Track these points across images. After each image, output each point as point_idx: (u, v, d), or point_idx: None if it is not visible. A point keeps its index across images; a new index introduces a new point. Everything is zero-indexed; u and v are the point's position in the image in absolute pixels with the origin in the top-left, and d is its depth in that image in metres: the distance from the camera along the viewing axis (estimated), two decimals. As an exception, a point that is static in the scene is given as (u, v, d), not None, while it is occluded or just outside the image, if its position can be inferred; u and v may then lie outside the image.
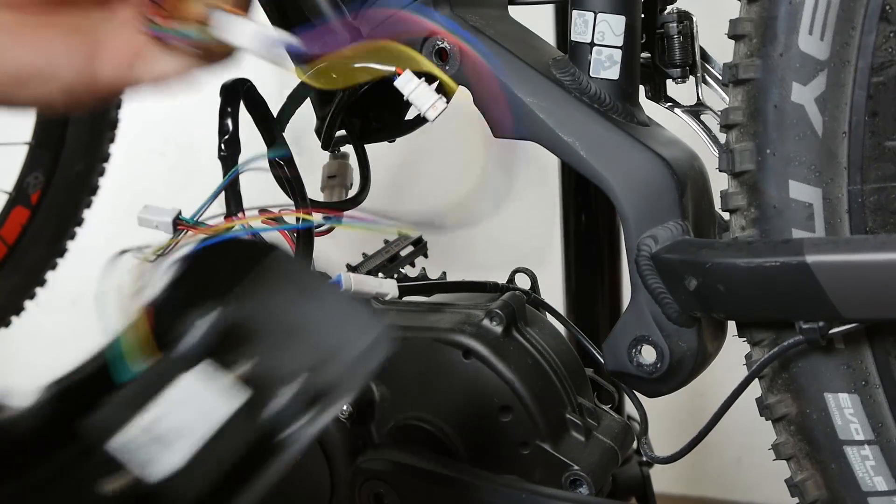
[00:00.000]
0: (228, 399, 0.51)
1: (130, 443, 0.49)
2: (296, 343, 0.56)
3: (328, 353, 0.56)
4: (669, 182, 0.69)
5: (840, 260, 0.61)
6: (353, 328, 0.56)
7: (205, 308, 0.54)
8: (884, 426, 0.68)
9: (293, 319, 0.57)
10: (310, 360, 0.55)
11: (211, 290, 0.56)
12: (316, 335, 0.56)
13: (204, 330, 0.54)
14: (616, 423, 0.76)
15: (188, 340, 0.54)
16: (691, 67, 0.76)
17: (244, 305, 0.57)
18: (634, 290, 0.70)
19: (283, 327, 0.57)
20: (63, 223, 1.30)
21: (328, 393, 0.53)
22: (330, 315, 0.57)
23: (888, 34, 0.66)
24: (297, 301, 0.57)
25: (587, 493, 0.71)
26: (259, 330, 0.56)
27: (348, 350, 0.55)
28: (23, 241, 1.26)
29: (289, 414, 0.53)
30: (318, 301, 0.57)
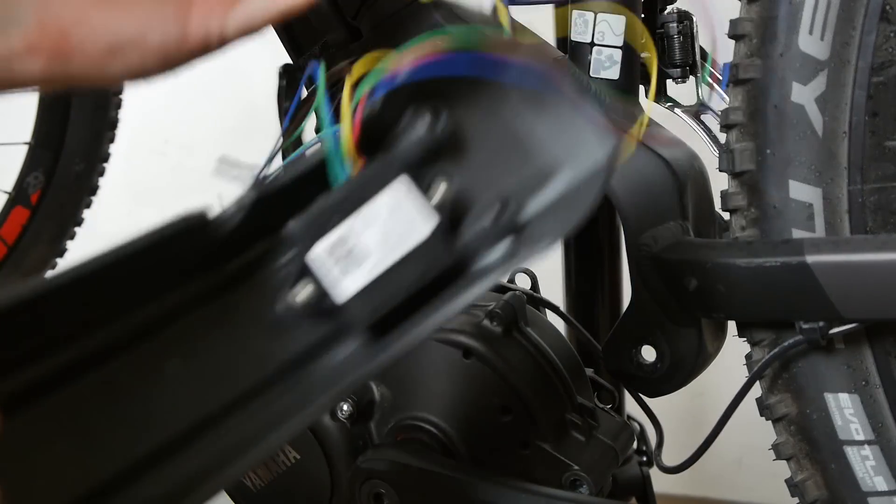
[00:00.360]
0: (425, 220, 0.48)
1: (324, 254, 0.47)
2: (513, 158, 0.51)
3: (546, 174, 0.51)
4: (669, 182, 0.69)
5: (840, 260, 0.61)
6: (579, 146, 0.50)
7: (421, 112, 0.50)
8: (884, 426, 0.68)
9: (515, 129, 0.52)
10: (524, 181, 0.51)
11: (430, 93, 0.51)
12: (537, 151, 0.51)
13: (418, 136, 0.50)
14: (616, 423, 0.76)
15: (402, 146, 0.50)
16: (691, 67, 0.76)
17: (464, 111, 0.52)
18: (634, 290, 0.70)
19: (503, 138, 0.52)
20: (63, 223, 1.30)
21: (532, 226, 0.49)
22: (558, 127, 0.51)
23: (888, 34, 0.66)
24: (524, 107, 0.52)
25: (587, 493, 0.71)
26: (476, 139, 0.52)
27: (568, 174, 0.50)
28: (23, 241, 1.26)
29: (485, 243, 0.49)
30: (548, 109, 0.51)
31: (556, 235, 0.49)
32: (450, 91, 0.51)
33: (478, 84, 0.51)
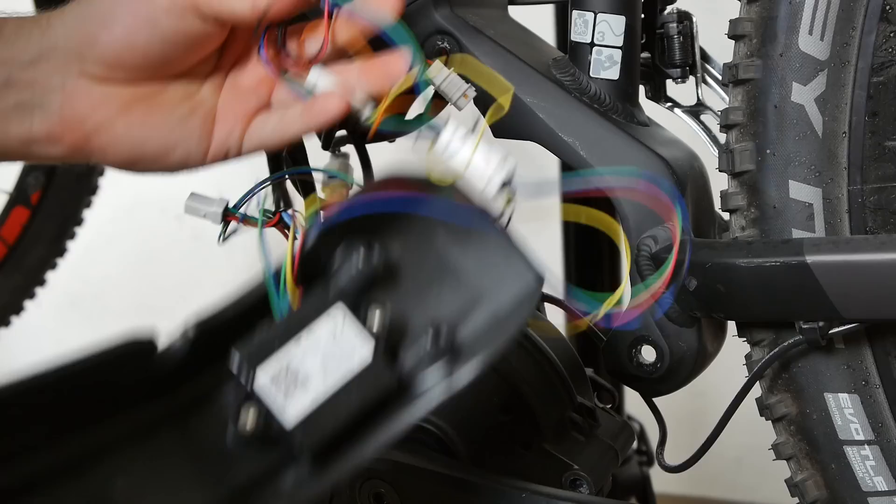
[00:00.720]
0: (363, 345, 0.51)
1: (268, 382, 0.49)
2: (443, 287, 0.54)
3: (473, 303, 0.53)
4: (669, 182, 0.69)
5: (840, 260, 0.61)
6: (504, 276, 0.53)
7: (355, 246, 0.53)
8: (884, 426, 0.68)
9: (445, 260, 0.55)
10: (453, 310, 0.53)
11: (366, 223, 0.54)
12: (464, 282, 0.54)
13: (353, 268, 0.52)
14: (616, 423, 0.76)
15: (338, 277, 0.52)
16: (691, 67, 0.75)
17: (395, 244, 0.55)
18: (634, 289, 0.70)
19: (433, 268, 0.55)
20: (63, 223, 1.30)
21: (465, 348, 0.52)
22: (481, 261, 0.54)
23: (888, 34, 0.66)
24: (452, 240, 0.55)
25: (587, 492, 0.71)
26: (405, 273, 0.54)
27: (498, 299, 0.53)
28: (23, 241, 1.26)
29: (422, 366, 0.51)
30: (471, 246, 0.54)
31: (490, 354, 0.51)
32: (382, 225, 0.55)
33: (408, 218, 0.55)
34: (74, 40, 0.60)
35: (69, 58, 0.61)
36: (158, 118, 0.62)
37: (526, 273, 0.53)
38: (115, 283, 1.86)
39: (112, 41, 0.60)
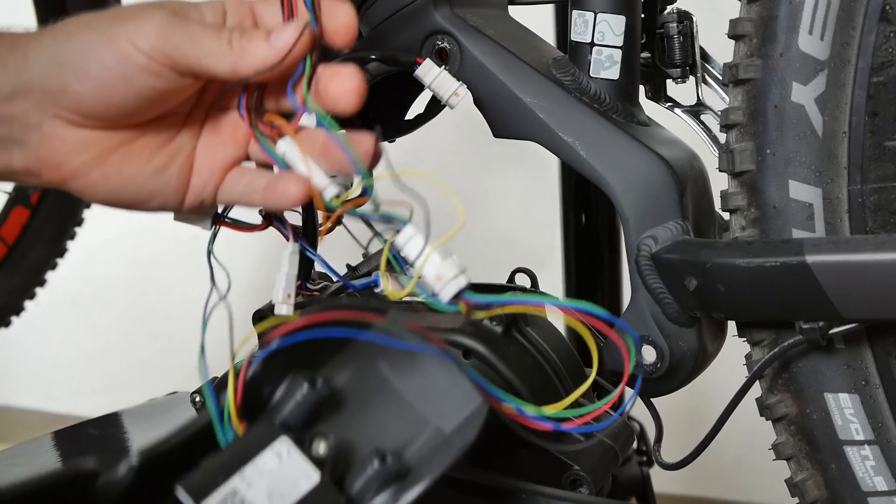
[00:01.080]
0: (308, 475, 0.52)
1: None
2: (389, 413, 0.57)
3: (419, 427, 0.56)
4: (669, 182, 0.69)
5: (840, 260, 0.61)
6: (449, 401, 0.56)
7: (298, 381, 0.54)
8: (884, 426, 0.68)
9: (390, 387, 0.57)
10: (399, 435, 0.56)
11: (308, 356, 0.56)
12: (409, 407, 0.57)
13: (297, 399, 0.54)
14: (616, 423, 0.76)
15: (282, 409, 0.54)
16: (691, 67, 0.75)
17: (339, 374, 0.57)
18: (634, 290, 0.70)
19: (378, 395, 0.57)
20: (63, 223, 1.30)
21: (412, 472, 0.54)
22: (429, 385, 0.57)
23: (888, 34, 0.66)
24: (397, 367, 0.57)
25: (587, 492, 0.71)
26: (350, 401, 0.56)
27: (441, 425, 0.56)
28: (23, 241, 1.26)
29: (369, 493, 0.53)
30: (416, 370, 0.57)
31: (435, 475, 0.53)
32: (326, 353, 0.57)
33: (353, 345, 0.57)
34: (49, 84, 0.59)
35: (45, 99, 0.60)
36: (135, 169, 0.62)
37: (470, 398, 0.56)
38: (115, 283, 1.86)
39: (85, 94, 0.59)
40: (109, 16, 0.60)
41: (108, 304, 1.88)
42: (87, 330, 1.90)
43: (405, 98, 0.84)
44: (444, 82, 0.68)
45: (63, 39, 0.59)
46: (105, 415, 0.92)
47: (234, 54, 0.59)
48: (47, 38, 0.60)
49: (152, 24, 0.58)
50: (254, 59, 0.59)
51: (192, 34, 0.59)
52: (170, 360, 1.78)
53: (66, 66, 0.59)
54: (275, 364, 0.55)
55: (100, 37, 0.58)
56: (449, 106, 0.70)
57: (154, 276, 1.83)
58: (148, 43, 0.58)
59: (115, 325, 1.87)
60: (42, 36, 0.60)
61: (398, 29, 0.73)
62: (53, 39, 0.60)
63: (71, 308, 1.88)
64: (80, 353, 1.90)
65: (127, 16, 0.59)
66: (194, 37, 0.58)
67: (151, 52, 0.58)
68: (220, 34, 0.59)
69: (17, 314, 1.33)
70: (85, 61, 0.59)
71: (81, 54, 0.59)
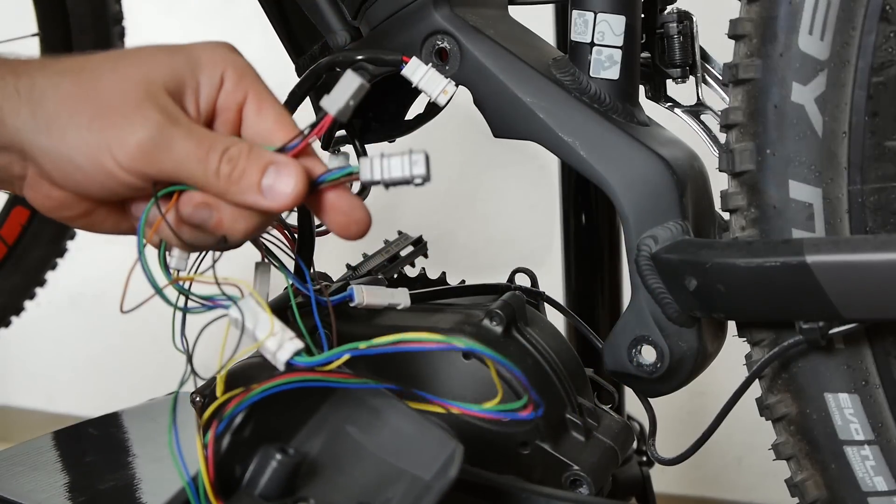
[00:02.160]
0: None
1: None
2: (364, 473, 0.57)
3: (398, 479, 0.56)
4: (669, 182, 0.69)
5: (840, 260, 0.61)
6: (423, 449, 0.56)
7: (268, 450, 0.55)
8: (884, 426, 0.68)
9: (360, 450, 0.58)
10: (380, 490, 0.56)
11: (276, 429, 0.56)
12: (385, 462, 0.57)
13: (271, 472, 0.54)
14: (616, 423, 0.76)
15: (258, 483, 0.54)
16: (691, 67, 0.75)
17: (307, 445, 0.57)
18: (634, 290, 0.70)
19: (350, 459, 0.57)
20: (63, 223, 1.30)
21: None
22: (400, 438, 0.57)
23: (888, 34, 0.66)
24: (362, 432, 0.58)
25: (587, 493, 0.71)
26: (325, 466, 0.57)
27: (419, 473, 0.56)
28: (23, 241, 1.26)
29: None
30: (385, 428, 0.57)
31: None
32: (292, 429, 0.57)
33: (317, 418, 0.58)
34: (28, 153, 0.57)
35: (26, 160, 0.58)
36: (121, 216, 0.61)
37: (443, 443, 0.56)
38: (115, 283, 1.85)
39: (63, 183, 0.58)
40: (94, 107, 0.56)
41: (109, 305, 1.88)
42: (88, 330, 1.90)
43: (405, 98, 0.84)
44: (433, 80, 0.68)
45: (43, 125, 0.57)
46: (105, 415, 0.92)
47: (220, 187, 0.56)
48: (25, 110, 0.57)
49: (135, 141, 0.55)
50: (242, 199, 0.57)
51: (177, 157, 0.56)
52: (170, 360, 1.79)
53: (47, 156, 0.57)
54: (242, 442, 0.55)
55: (81, 144, 0.56)
56: (437, 104, 0.70)
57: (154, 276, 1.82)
58: (129, 162, 0.55)
59: (115, 325, 1.87)
60: (20, 101, 0.57)
61: (398, 29, 0.73)
62: (32, 116, 0.57)
63: (71, 308, 1.88)
64: (80, 353, 1.90)
65: (111, 118, 0.56)
66: (179, 160, 0.56)
67: (132, 170, 0.56)
68: (207, 160, 0.56)
69: (17, 314, 1.33)
70: (65, 163, 0.57)
71: (62, 155, 0.56)
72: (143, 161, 0.56)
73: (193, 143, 0.56)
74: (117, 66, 0.58)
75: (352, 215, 0.59)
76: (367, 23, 0.75)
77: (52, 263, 1.32)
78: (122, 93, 0.56)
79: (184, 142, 0.56)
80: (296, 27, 0.85)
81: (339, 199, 0.59)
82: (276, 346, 0.55)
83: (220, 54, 0.59)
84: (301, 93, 0.76)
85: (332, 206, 0.59)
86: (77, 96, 0.57)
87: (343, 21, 0.77)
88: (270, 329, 0.56)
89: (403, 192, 0.59)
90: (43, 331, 1.81)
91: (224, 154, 0.56)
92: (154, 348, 1.84)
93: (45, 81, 0.57)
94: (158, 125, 0.56)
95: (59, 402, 1.92)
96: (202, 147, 0.56)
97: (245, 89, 0.59)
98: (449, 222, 1.65)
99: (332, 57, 0.74)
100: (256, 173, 0.56)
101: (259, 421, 0.55)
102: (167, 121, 0.56)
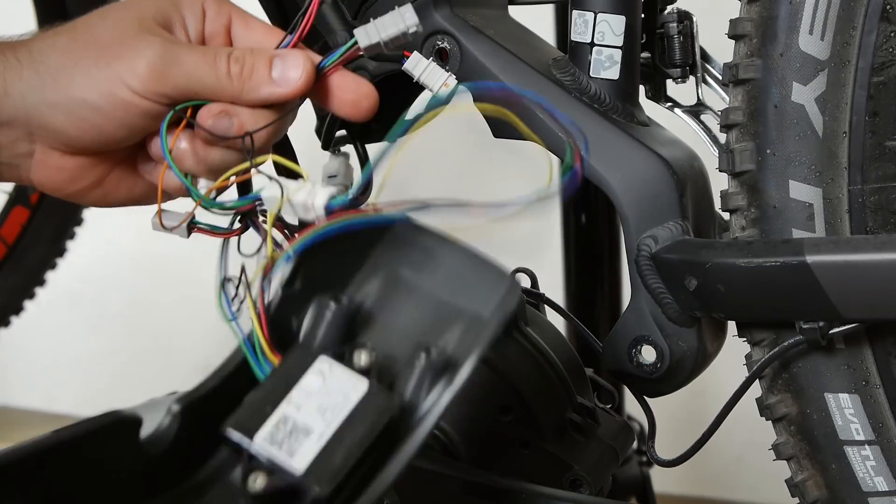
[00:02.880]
0: (356, 386, 0.51)
1: (267, 444, 0.49)
2: (421, 315, 0.55)
3: (455, 317, 0.54)
4: (669, 182, 0.69)
5: (840, 260, 0.61)
6: (480, 285, 0.55)
7: (324, 303, 0.53)
8: (884, 426, 0.68)
9: (415, 288, 0.56)
10: (437, 330, 0.55)
11: (328, 280, 0.55)
12: (441, 302, 0.55)
13: (326, 322, 0.53)
14: (616, 423, 0.76)
15: (314, 333, 0.53)
16: (691, 67, 0.75)
17: (360, 292, 0.56)
18: (634, 290, 0.70)
19: (406, 299, 0.56)
20: (63, 223, 1.30)
21: (458, 359, 0.52)
22: (455, 276, 0.55)
23: (889, 34, 0.66)
24: (420, 269, 0.56)
25: (587, 493, 0.71)
26: (381, 311, 0.56)
27: (476, 310, 0.54)
28: (23, 241, 1.26)
29: (423, 390, 0.52)
30: (439, 267, 0.56)
31: (481, 350, 0.52)
32: (344, 278, 0.56)
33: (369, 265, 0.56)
34: (37, 120, 0.58)
35: (34, 132, 0.59)
36: (132, 183, 0.62)
37: (499, 278, 0.54)
38: (115, 282, 1.86)
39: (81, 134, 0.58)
40: (96, 49, 0.57)
41: (109, 304, 1.88)
42: (88, 330, 1.89)
43: (405, 98, 0.84)
44: (434, 74, 0.68)
45: (49, 78, 0.57)
46: (105, 415, 0.92)
47: (234, 88, 0.58)
48: (28, 72, 0.57)
49: (144, 63, 0.56)
50: (257, 95, 0.58)
51: (187, 69, 0.57)
52: (170, 360, 1.79)
53: (58, 108, 0.57)
54: (295, 295, 0.54)
55: (91, 83, 0.57)
56: (439, 97, 0.70)
57: (154, 275, 1.83)
58: (143, 85, 0.57)
59: (116, 324, 1.87)
60: (21, 66, 0.57)
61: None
62: (36, 74, 0.57)
63: (71, 308, 1.88)
64: (80, 352, 1.90)
65: (115, 51, 0.57)
66: (190, 71, 0.57)
67: (147, 93, 0.57)
68: (216, 64, 0.58)
69: (17, 314, 1.33)
70: (79, 108, 0.57)
71: (74, 100, 0.57)
72: (157, 81, 0.57)
73: (199, 53, 0.58)
74: (107, 15, 0.59)
75: (359, 91, 0.62)
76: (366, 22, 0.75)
77: (52, 263, 1.32)
78: (119, 32, 0.58)
79: (190, 54, 0.58)
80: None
81: (344, 80, 0.62)
82: (309, 196, 0.56)
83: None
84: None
85: (338, 88, 0.61)
86: (76, 47, 0.58)
87: (343, 21, 0.77)
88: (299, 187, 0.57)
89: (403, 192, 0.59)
90: (43, 331, 1.81)
91: (230, 56, 0.59)
92: (154, 348, 1.84)
93: (42, 44, 0.58)
94: (162, 45, 0.57)
95: (59, 402, 1.92)
96: (208, 55, 0.58)
97: (227, 13, 0.61)
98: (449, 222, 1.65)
99: None
100: (264, 66, 0.59)
101: (310, 272, 0.55)
102: (169, 41, 0.58)
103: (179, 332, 1.79)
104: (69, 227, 1.31)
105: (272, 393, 0.50)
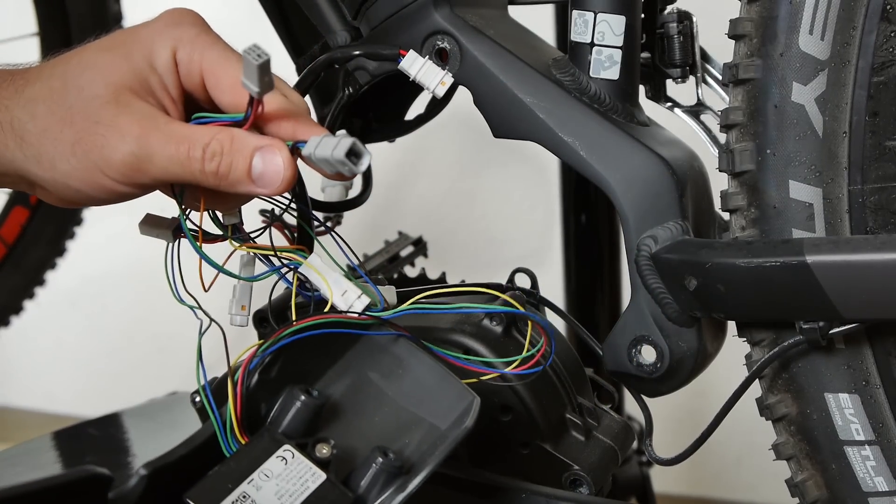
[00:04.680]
0: (315, 477, 0.54)
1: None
2: (383, 418, 0.59)
3: (416, 426, 0.58)
4: (669, 182, 0.69)
5: (840, 260, 0.61)
6: (441, 400, 0.59)
7: (293, 390, 0.57)
8: (884, 426, 0.68)
9: (381, 396, 0.60)
10: (398, 435, 0.58)
11: (302, 372, 0.59)
12: (404, 410, 0.59)
13: (295, 412, 0.56)
14: (616, 423, 0.76)
15: (282, 421, 0.57)
16: (691, 67, 0.75)
17: (331, 388, 0.60)
18: (634, 290, 0.70)
19: (371, 404, 0.60)
20: (63, 223, 1.30)
21: (414, 465, 0.56)
22: (420, 387, 0.59)
23: (889, 34, 0.66)
24: (388, 376, 0.60)
25: (587, 492, 0.71)
26: (346, 409, 0.59)
27: (436, 422, 0.58)
28: (23, 241, 1.26)
29: (375, 488, 0.55)
30: (406, 376, 0.60)
31: (436, 463, 0.56)
32: (317, 371, 0.60)
33: (342, 362, 0.60)
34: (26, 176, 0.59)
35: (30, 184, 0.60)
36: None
37: (461, 395, 0.58)
38: (115, 283, 1.85)
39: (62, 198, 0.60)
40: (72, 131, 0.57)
41: (108, 304, 1.88)
42: (88, 330, 1.89)
43: (405, 98, 0.84)
44: (430, 72, 0.68)
45: (32, 159, 0.58)
46: (105, 415, 0.92)
47: (211, 183, 0.57)
48: (11, 143, 0.58)
49: (119, 159, 0.56)
50: (235, 191, 0.58)
51: (162, 165, 0.56)
52: (170, 360, 1.78)
53: (46, 183, 0.59)
54: (269, 382, 0.57)
55: (71, 170, 0.57)
56: (436, 95, 0.70)
57: (154, 275, 1.83)
58: (122, 178, 0.57)
59: (115, 325, 1.87)
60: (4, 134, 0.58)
61: (398, 29, 0.73)
62: (19, 148, 0.58)
63: (71, 308, 1.88)
64: (80, 352, 1.90)
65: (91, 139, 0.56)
66: (165, 167, 0.56)
67: (126, 181, 0.57)
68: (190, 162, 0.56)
69: (17, 314, 1.33)
70: (65, 189, 0.58)
71: (59, 183, 0.58)
72: (133, 174, 0.57)
73: (173, 146, 0.56)
74: (81, 82, 0.57)
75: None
76: (367, 23, 0.75)
77: (52, 263, 1.32)
78: (95, 110, 0.57)
79: (163, 148, 0.56)
80: (296, 27, 0.85)
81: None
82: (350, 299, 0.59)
83: (166, 34, 0.59)
84: (300, 91, 0.76)
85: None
86: (53, 122, 0.57)
87: (343, 21, 0.77)
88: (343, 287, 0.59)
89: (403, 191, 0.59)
90: (43, 331, 1.81)
91: (206, 151, 0.56)
92: (153, 348, 1.84)
93: (22, 113, 0.58)
94: (136, 138, 0.56)
95: (59, 402, 1.92)
96: (181, 149, 0.56)
97: (198, 64, 0.58)
98: (449, 222, 1.65)
99: (329, 54, 0.74)
100: (243, 164, 0.57)
101: (286, 363, 0.58)
102: (143, 130, 0.56)
103: (179, 333, 1.79)
104: (69, 227, 1.31)
105: (235, 471, 0.53)
